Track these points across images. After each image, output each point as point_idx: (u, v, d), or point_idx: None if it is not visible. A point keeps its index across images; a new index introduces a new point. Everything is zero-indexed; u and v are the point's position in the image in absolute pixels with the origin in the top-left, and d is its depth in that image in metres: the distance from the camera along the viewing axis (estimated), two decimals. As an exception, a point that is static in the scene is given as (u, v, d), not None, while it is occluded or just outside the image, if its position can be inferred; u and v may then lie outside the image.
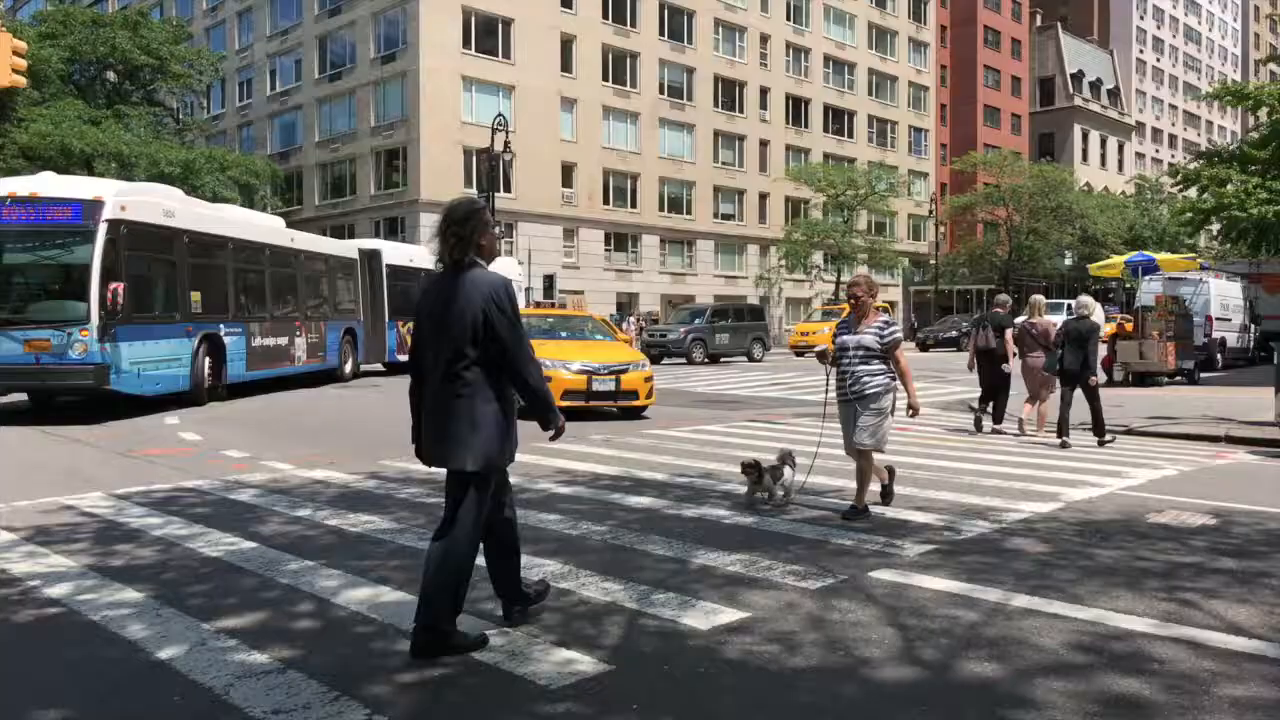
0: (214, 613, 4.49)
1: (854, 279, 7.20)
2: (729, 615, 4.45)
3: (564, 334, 15.56)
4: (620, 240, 49.74)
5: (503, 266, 27.76)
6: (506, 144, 31.41)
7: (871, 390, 6.79)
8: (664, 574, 5.22)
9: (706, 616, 4.44)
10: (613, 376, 13.70)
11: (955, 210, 63.65)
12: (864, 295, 6.95)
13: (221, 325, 15.28)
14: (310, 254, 19.61)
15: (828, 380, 7.20)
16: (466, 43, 43.21)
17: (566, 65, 46.72)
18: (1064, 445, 11.16)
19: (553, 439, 4.26)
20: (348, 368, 20.81)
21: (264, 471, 8.78)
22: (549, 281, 34.62)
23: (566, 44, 46.68)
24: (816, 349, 7.59)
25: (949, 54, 72.41)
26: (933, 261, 58.77)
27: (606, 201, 48.88)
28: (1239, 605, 4.68)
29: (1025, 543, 6.08)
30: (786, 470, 7.18)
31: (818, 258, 53.12)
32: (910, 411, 6.97)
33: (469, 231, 4.04)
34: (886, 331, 6.89)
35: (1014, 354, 12.71)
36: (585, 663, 3.84)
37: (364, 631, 4.28)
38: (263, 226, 18.13)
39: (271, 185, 45.73)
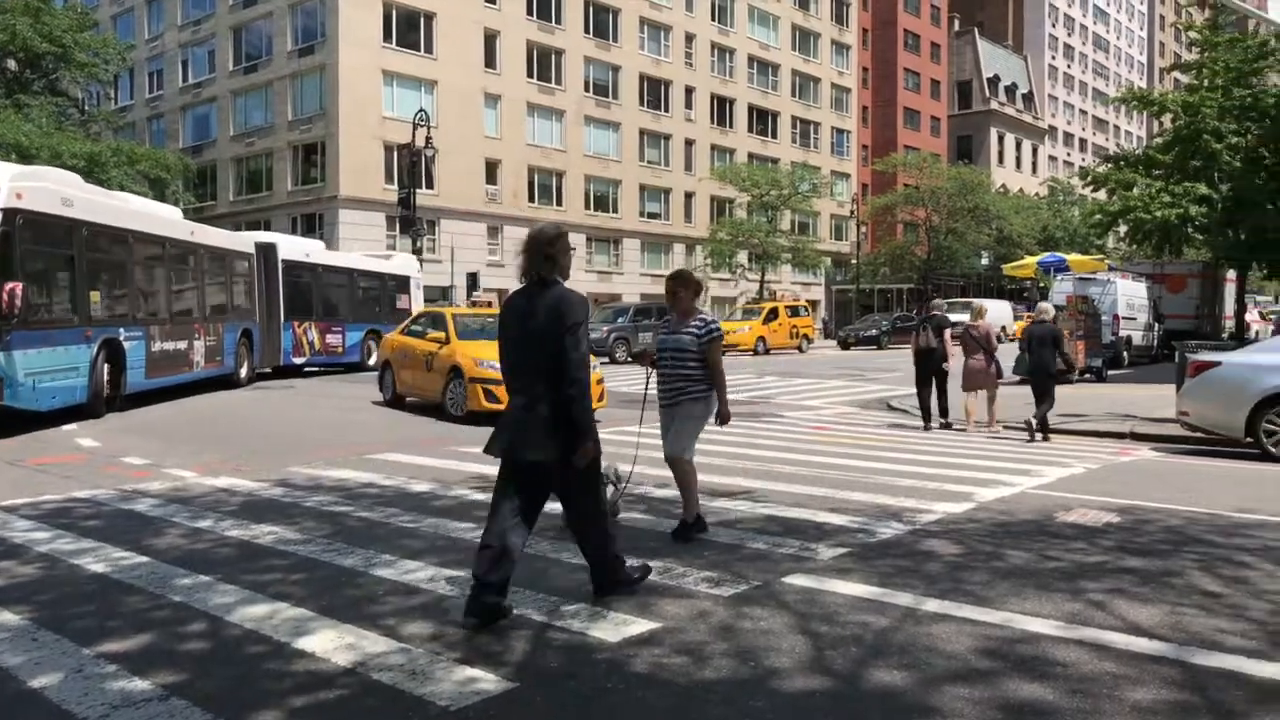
0: (96, 635, 4.23)
1: (674, 273, 6.55)
2: (639, 626, 4.36)
3: None
4: (546, 238, 49.39)
5: (401, 262, 27.00)
6: (428, 140, 30.92)
7: (688, 396, 6.24)
8: (576, 583, 5.11)
9: (617, 628, 4.34)
10: None
11: (876, 210, 64.77)
12: (683, 292, 6.36)
13: (121, 329, 13.85)
14: (209, 248, 17.93)
15: (646, 383, 6.62)
16: (387, 36, 42.44)
17: (490, 61, 46.24)
18: (1043, 439, 12.26)
19: (579, 465, 4.64)
20: (243, 372, 19.17)
21: (165, 480, 8.42)
22: (472, 280, 34.21)
23: (490, 39, 46.19)
24: (635, 349, 7.22)
25: (870, 56, 73.68)
26: (854, 261, 59.72)
27: (531, 199, 48.53)
28: (1142, 605, 4.76)
29: (938, 544, 6.13)
30: (608, 489, 6.21)
31: (743, 257, 53.53)
32: (719, 420, 6.31)
33: (556, 252, 4.59)
34: (704, 331, 6.23)
35: (953, 354, 13.44)
36: (488, 681, 3.71)
37: (257, 651, 4.07)
38: (161, 218, 16.55)
39: (184, 180, 44.30)
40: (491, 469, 8.80)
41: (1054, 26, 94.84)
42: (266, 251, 20.86)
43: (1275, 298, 65.19)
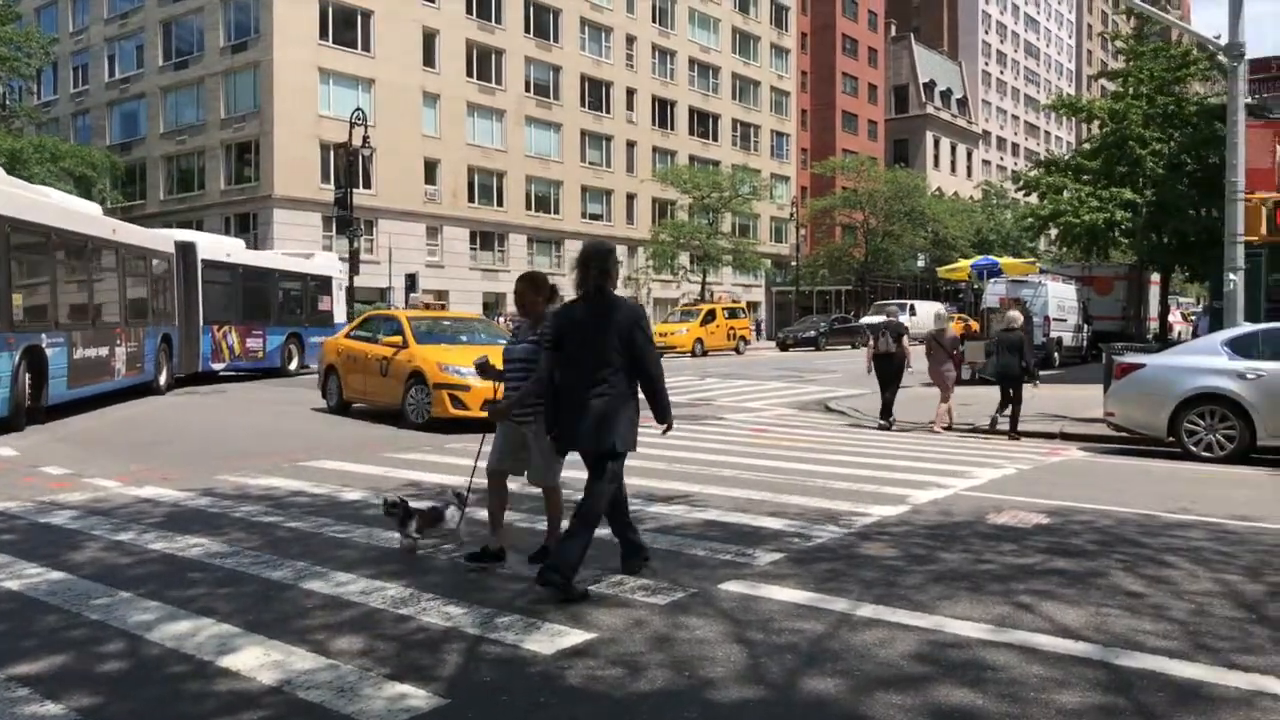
0: (7, 657, 4.05)
1: (523, 275, 5.77)
2: (574, 637, 4.31)
3: (464, 338, 14.42)
4: (486, 239, 49.05)
5: (323, 262, 26.17)
6: (366, 139, 30.46)
7: (531, 415, 5.43)
8: (511, 594, 5.05)
9: (551, 639, 4.29)
10: None
11: (815, 213, 65.50)
12: (532, 295, 5.52)
13: (44, 335, 12.89)
14: (130, 248, 16.90)
15: (492, 402, 5.91)
16: (324, 33, 41.74)
17: (429, 60, 45.74)
18: (1012, 438, 13.00)
19: (664, 433, 5.57)
20: (163, 379, 18.20)
21: (85, 490, 8.13)
22: (411, 281, 33.76)
23: (429, 38, 45.70)
24: (476, 360, 6.21)
25: (809, 61, 74.49)
26: (794, 263, 60.31)
27: (472, 199, 48.12)
28: (1070, 607, 4.84)
29: (873, 548, 6.18)
30: (449, 512, 6.03)
31: (684, 259, 53.73)
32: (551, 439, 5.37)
33: (610, 266, 5.20)
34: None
35: (910, 361, 14.24)
36: (419, 697, 3.63)
37: (178, 671, 3.93)
38: (83, 214, 15.55)
39: (111, 178, 43.06)
40: (425, 476, 8.73)
41: (987, 33, 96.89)
42: (185, 251, 19.87)
43: (1197, 299, 67.34)
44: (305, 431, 12.82)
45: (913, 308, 47.80)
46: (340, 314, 26.05)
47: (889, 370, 14.05)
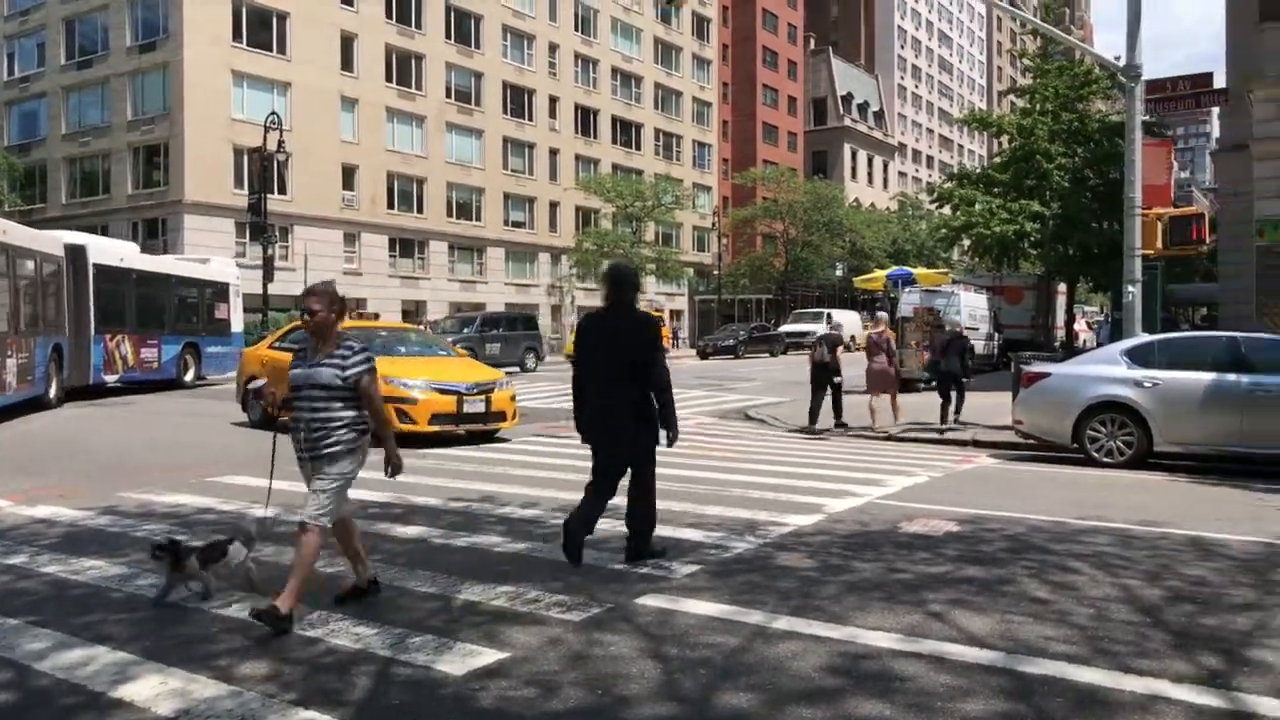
0: (-120, 693, 3.82)
1: (310, 288, 5.03)
2: (487, 657, 4.25)
3: (402, 349, 13.93)
4: (406, 246, 48.35)
5: (220, 268, 25.00)
6: (281, 143, 29.80)
7: (329, 447, 4.79)
8: (425, 613, 4.95)
9: (463, 660, 4.21)
10: (483, 396, 12.53)
11: (736, 223, 66.23)
12: (321, 310, 4.86)
13: None
14: (20, 250, 15.86)
15: (274, 440, 5.33)
16: (237, 35, 40.70)
17: (347, 64, 44.97)
18: (941, 433, 14.16)
19: (670, 444, 6.03)
20: (53, 392, 17.17)
21: (-25, 510, 7.74)
22: (328, 289, 33.00)
23: (347, 42, 44.94)
24: (251, 385, 5.73)
25: (730, 72, 75.36)
26: (716, 272, 60.86)
27: (391, 206, 47.39)
28: (978, 615, 4.95)
29: (790, 558, 6.24)
30: (233, 548, 5.20)
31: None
32: (389, 470, 5.05)
33: (636, 282, 6.14)
34: (350, 363, 4.81)
35: (845, 366, 15.31)
36: (326, 724, 3.53)
37: (70, 704, 3.76)
38: None
39: (9, 180, 41.27)
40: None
41: (903, 48, 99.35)
42: (76, 254, 18.74)
43: (1101, 308, 69.94)
44: (218, 445, 12.42)
45: (829, 316, 48.69)
46: (238, 323, 25.10)
47: (823, 377, 15.06)
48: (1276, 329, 13.57)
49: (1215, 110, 28.76)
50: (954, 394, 14.91)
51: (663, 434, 5.96)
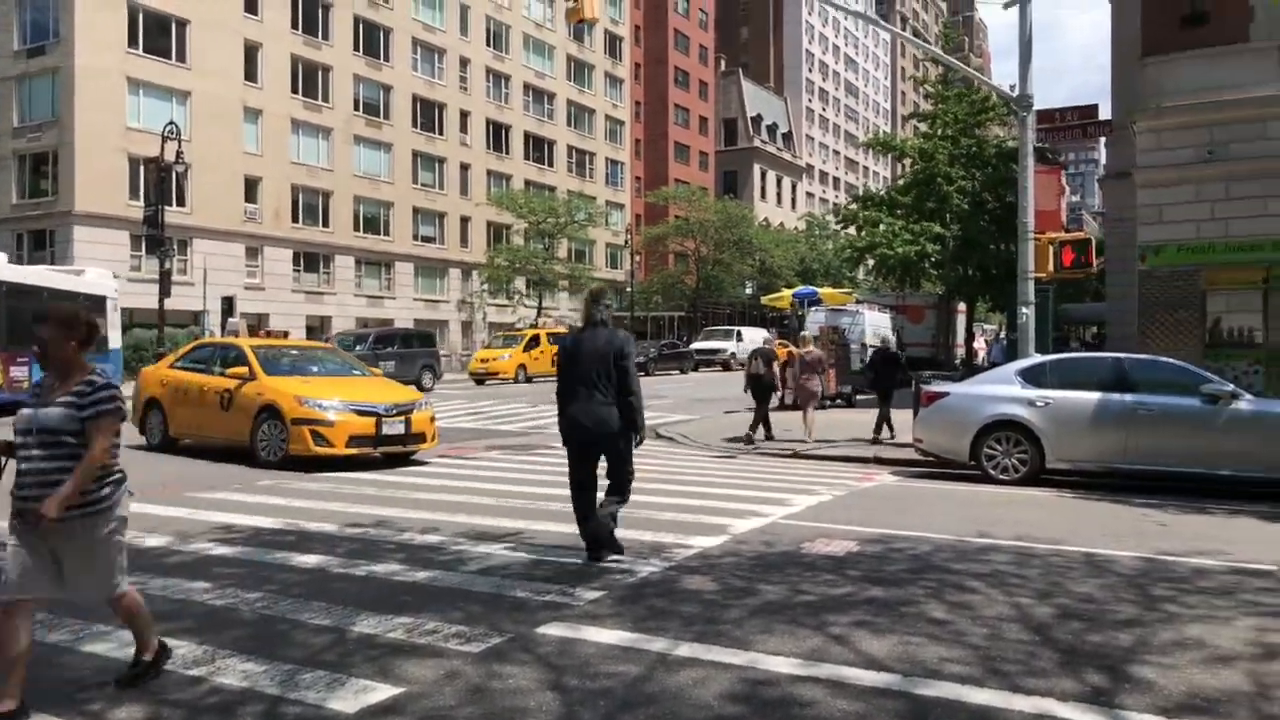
0: None
1: (45, 310, 4.16)
2: (382, 693, 4.12)
3: (315, 369, 13.44)
4: (311, 260, 47.22)
5: (95, 279, 23.09)
6: (179, 154, 28.83)
7: (81, 511, 3.93)
8: (318, 648, 4.79)
9: (356, 697, 4.08)
10: (402, 418, 12.16)
11: (649, 240, 66.66)
12: (57, 337, 4.03)
13: None
14: None
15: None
16: (133, 41, 39.26)
17: (251, 74, 43.81)
18: (876, 442, 15.15)
19: (636, 446, 6.95)
20: None
21: None
22: (228, 304, 32.01)
23: (251, 51, 43.80)
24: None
25: (643, 91, 75.97)
26: (629, 289, 61.09)
27: (295, 219, 46.24)
28: (878, 637, 5.01)
29: (695, 581, 6.24)
30: None
31: (520, 283, 53.45)
32: (38, 514, 3.83)
33: (608, 303, 7.07)
34: (88, 400, 3.97)
35: (778, 383, 16.35)
36: (206, 772, 3.37)
37: (-76, 758, 3.51)
38: None
39: (-119, 187, 38.92)
40: (236, 518, 8.21)
41: (810, 71, 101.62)
42: None
43: (999, 327, 72.45)
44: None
45: (740, 334, 49.25)
46: (116, 339, 23.66)
47: (759, 389, 16.01)
48: (1158, 350, 14.21)
49: (1103, 139, 30.18)
50: (883, 406, 16.01)
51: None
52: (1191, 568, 6.88)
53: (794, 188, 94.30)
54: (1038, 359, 12.70)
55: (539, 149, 62.52)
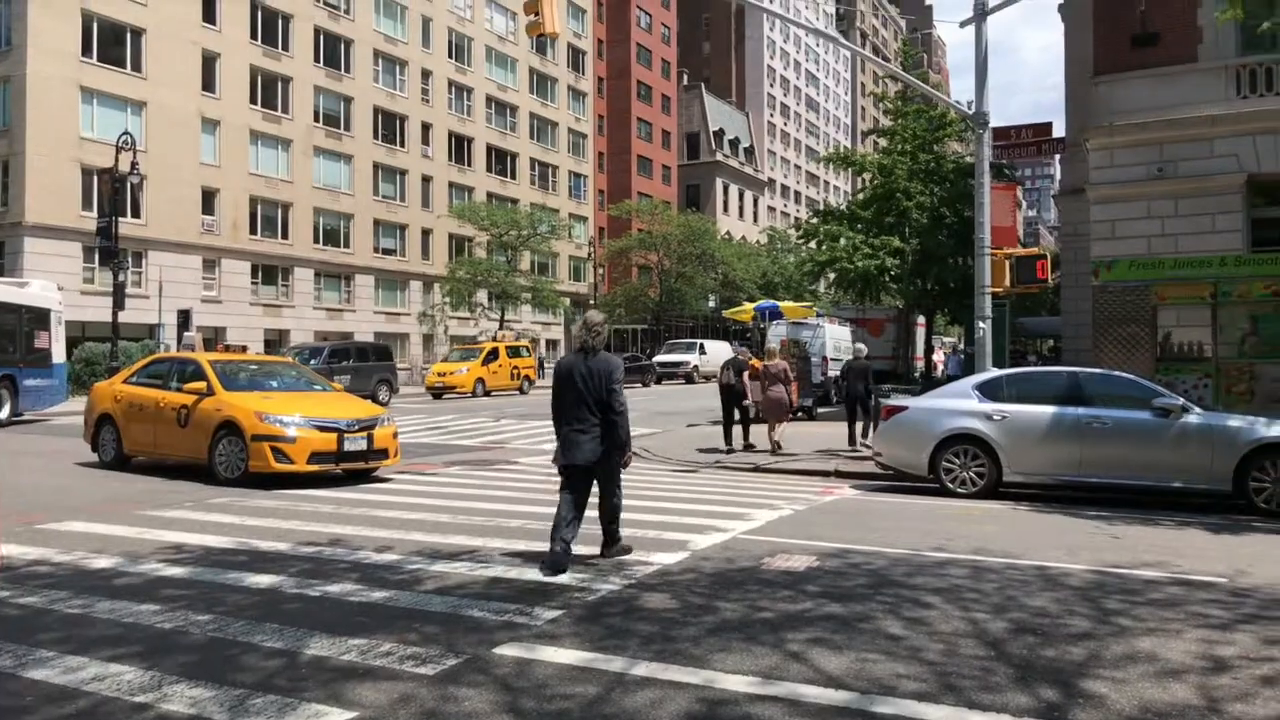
0: None
1: None
2: (333, 718, 4.05)
3: (274, 384, 13.30)
4: (269, 273, 46.68)
5: (39, 292, 22.71)
6: (134, 165, 28.37)
7: None
8: (269, 671, 4.69)
9: (308, 724, 4.01)
10: (364, 434, 11.99)
11: (612, 253, 66.75)
12: None
13: None
14: None
15: None
16: (87, 50, 38.65)
17: (209, 84, 43.29)
18: (855, 451, 15.58)
19: (624, 467, 7.39)
20: None
21: None
22: (184, 317, 31.48)
23: (209, 61, 43.30)
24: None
25: (606, 105, 76.16)
26: (592, 302, 61.04)
27: (254, 231, 45.71)
28: (835, 654, 5.02)
29: (654, 599, 6.21)
30: None
31: (482, 296, 53.24)
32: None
33: (604, 331, 7.45)
34: None
35: (751, 391, 16.51)
36: (149, 804, 3.28)
37: None
38: None
39: None
40: (187, 537, 8.06)
41: (772, 86, 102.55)
42: None
43: (958, 339, 73.38)
44: (55, 489, 11.56)
45: (702, 347, 49.41)
46: (60, 353, 23.15)
47: (730, 399, 16.43)
48: (1112, 363, 14.47)
49: (1058, 155, 30.75)
50: (861, 416, 16.44)
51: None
52: (1142, 580, 6.98)
53: (756, 201, 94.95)
54: (995, 373, 12.86)
55: (501, 161, 62.42)
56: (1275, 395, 13.87)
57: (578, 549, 7.78)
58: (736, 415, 16.58)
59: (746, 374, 16.52)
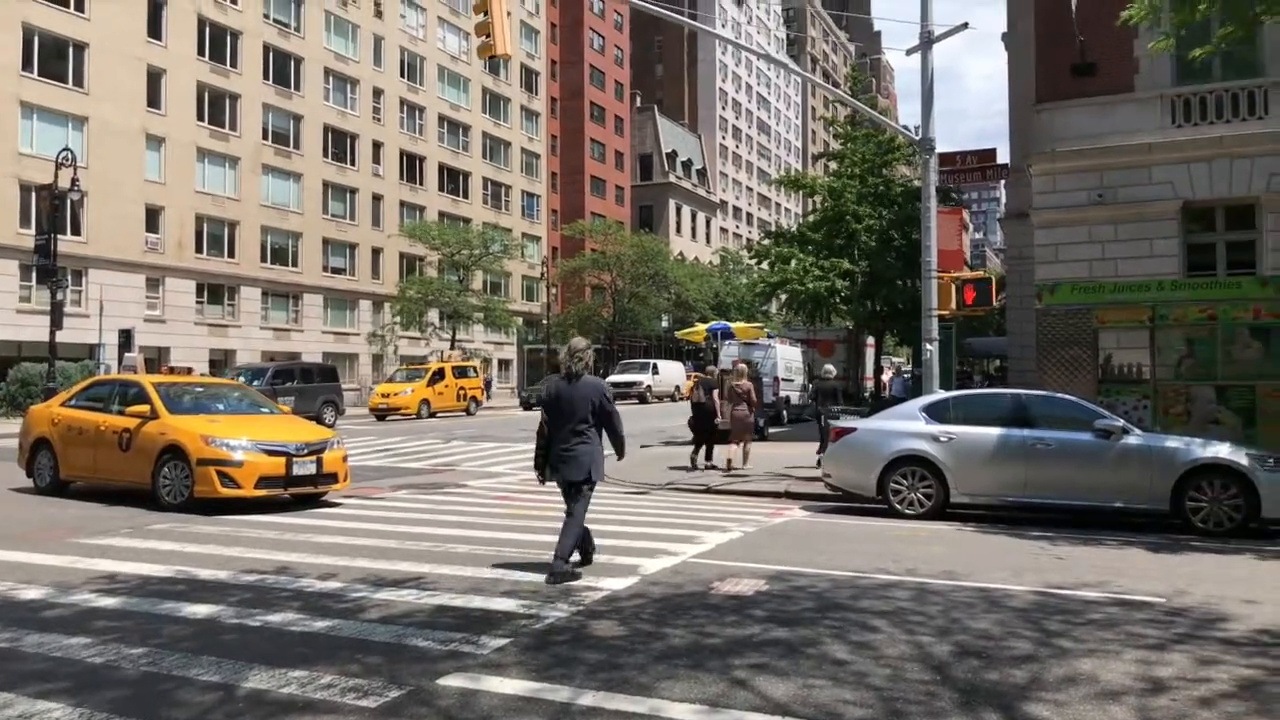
0: None
1: None
2: (270, 757, 3.95)
3: (220, 406, 12.99)
4: (215, 292, 45.89)
5: None
6: (75, 181, 27.79)
7: None
8: (204, 707, 4.57)
9: (243, 762, 3.90)
10: (313, 457, 11.76)
11: (565, 273, 66.71)
12: None
13: None
14: None
15: None
16: (27, 64, 37.83)
17: (154, 100, 42.59)
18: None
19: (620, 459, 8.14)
20: None
21: None
22: (125, 337, 30.83)
23: (154, 77, 42.61)
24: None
25: (559, 125, 76.31)
26: (545, 321, 60.91)
27: (200, 250, 44.93)
28: (781, 681, 5.01)
29: (602, 626, 6.16)
30: None
31: (434, 316, 52.82)
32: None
33: (589, 357, 7.92)
34: None
35: (721, 409, 16.90)
36: None
37: None
38: None
39: None
40: (121, 566, 7.82)
41: (724, 109, 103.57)
42: None
43: (907, 359, 74.32)
44: (-20, 514, 11.21)
45: (655, 367, 49.46)
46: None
47: (700, 417, 16.99)
48: (1056, 385, 14.73)
49: (1003, 180, 31.46)
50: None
51: (612, 456, 8.01)
52: (1083, 600, 7.08)
53: (709, 223, 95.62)
54: (941, 395, 13.03)
55: (454, 181, 62.17)
56: (1210, 416, 14.23)
57: (525, 576, 7.72)
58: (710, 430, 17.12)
59: (716, 392, 17.11)
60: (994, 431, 11.66)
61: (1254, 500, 10.51)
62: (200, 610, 6.47)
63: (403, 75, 57.87)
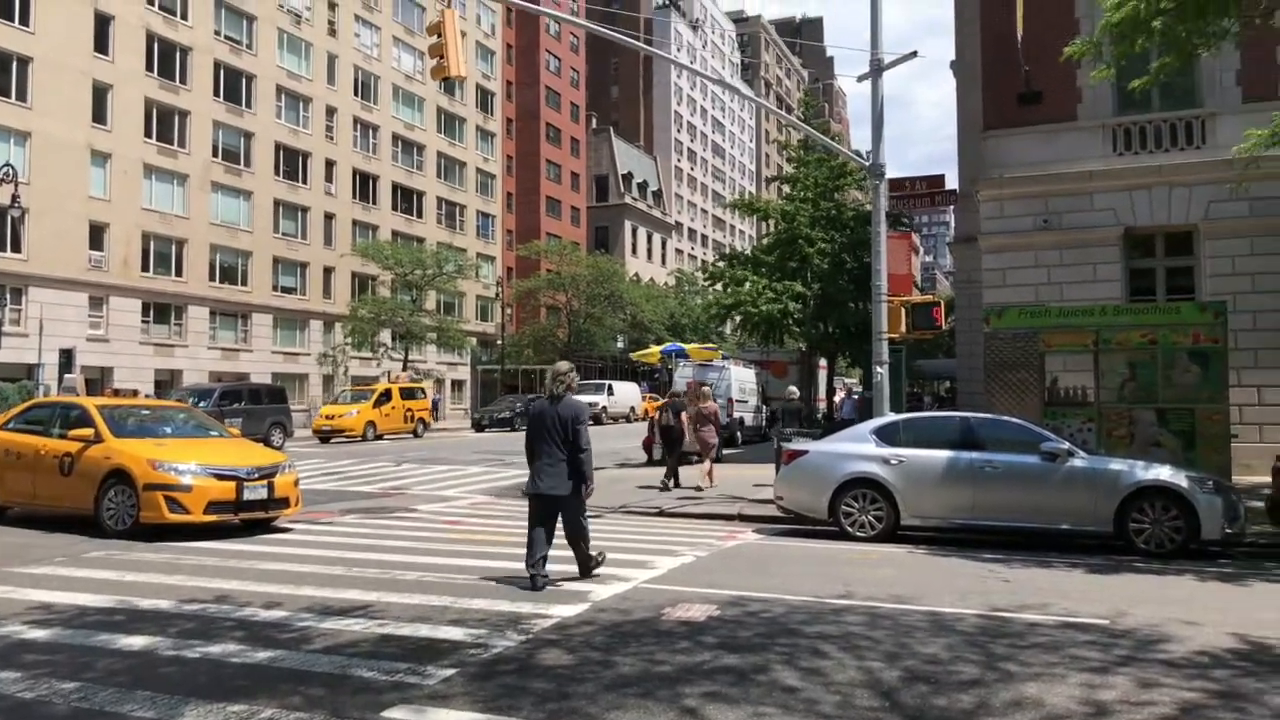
0: None
1: None
2: (205, 797, 3.83)
3: (168, 430, 12.73)
4: (162, 311, 45.01)
5: None
6: (15, 197, 27.18)
7: None
8: (137, 745, 4.43)
9: (176, 803, 3.77)
10: (264, 482, 11.51)
11: (520, 294, 66.50)
12: None
13: None
14: None
15: None
16: (-32, 77, 37.03)
17: (100, 116, 41.83)
18: None
19: (586, 497, 8.44)
20: None
21: None
22: (66, 357, 30.10)
23: (100, 93, 41.87)
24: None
25: (515, 146, 76.31)
26: (500, 342, 60.63)
27: (146, 268, 44.08)
28: (732, 708, 4.98)
29: (551, 655, 6.09)
30: None
31: (386, 336, 52.32)
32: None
33: (571, 380, 8.59)
34: None
35: (687, 431, 17.51)
36: None
37: None
38: None
39: None
40: (58, 596, 7.58)
41: (679, 132, 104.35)
42: None
43: (859, 381, 75.10)
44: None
45: (610, 388, 49.41)
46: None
47: (669, 439, 17.41)
48: (1003, 408, 14.95)
49: (951, 206, 32.03)
50: None
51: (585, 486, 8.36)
52: (1029, 623, 7.15)
53: (664, 244, 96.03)
54: (892, 418, 13.15)
55: (408, 200, 61.80)
56: (1152, 439, 14.53)
57: (474, 603, 7.63)
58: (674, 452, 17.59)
59: (686, 414, 17.47)
60: (943, 454, 11.78)
61: (1194, 522, 10.72)
62: (137, 642, 6.30)
63: (356, 94, 57.52)
